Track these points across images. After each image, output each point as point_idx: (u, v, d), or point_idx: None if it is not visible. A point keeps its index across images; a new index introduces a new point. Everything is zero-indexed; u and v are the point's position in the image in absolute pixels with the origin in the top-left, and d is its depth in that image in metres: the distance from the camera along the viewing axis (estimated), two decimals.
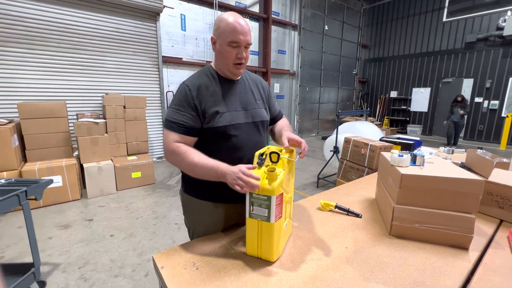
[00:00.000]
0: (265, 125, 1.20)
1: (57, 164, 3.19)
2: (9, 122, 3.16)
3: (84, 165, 3.42)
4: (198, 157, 0.97)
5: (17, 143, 3.10)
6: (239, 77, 1.13)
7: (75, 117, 4.09)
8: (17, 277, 1.60)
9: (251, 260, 0.93)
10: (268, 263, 0.92)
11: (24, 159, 3.33)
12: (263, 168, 0.91)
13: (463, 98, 6.98)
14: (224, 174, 0.91)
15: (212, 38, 1.05)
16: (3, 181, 1.72)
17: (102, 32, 4.43)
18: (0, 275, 0.34)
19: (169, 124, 1.02)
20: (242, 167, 0.88)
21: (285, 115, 1.39)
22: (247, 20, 6.83)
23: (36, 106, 3.25)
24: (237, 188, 0.86)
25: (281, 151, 1.00)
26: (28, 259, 1.80)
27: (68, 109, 3.99)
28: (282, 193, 0.89)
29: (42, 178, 2.39)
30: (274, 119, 1.30)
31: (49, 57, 4.03)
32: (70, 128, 3.83)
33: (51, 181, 1.81)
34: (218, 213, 1.13)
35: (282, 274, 0.87)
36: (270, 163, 0.94)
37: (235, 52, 1.01)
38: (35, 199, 1.67)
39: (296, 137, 1.05)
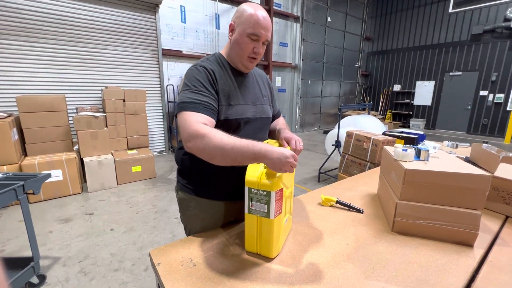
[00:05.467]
0: (269, 122, 1.17)
1: (57, 158, 3.18)
2: (8, 116, 3.14)
3: (84, 159, 3.41)
4: (228, 137, 0.83)
5: (16, 137, 3.09)
6: (249, 71, 1.09)
7: (74, 110, 4.07)
8: (16, 271, 1.61)
9: (250, 257, 0.91)
10: (268, 259, 0.90)
11: (24, 153, 3.32)
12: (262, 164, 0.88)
13: None
14: (264, 154, 0.80)
15: (231, 24, 0.99)
16: (0, 175, 1.70)
17: (100, 24, 4.37)
18: (2, 268, 0.33)
19: (192, 106, 0.88)
20: (293, 152, 0.82)
21: (286, 109, 1.36)
22: None
23: (35, 99, 3.22)
24: (283, 172, 0.81)
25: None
26: (29, 253, 1.80)
27: (68, 102, 3.96)
28: (282, 189, 0.87)
29: (40, 172, 2.38)
30: (273, 118, 1.27)
31: (47, 50, 3.98)
32: (70, 122, 3.81)
33: (49, 176, 1.79)
34: (216, 211, 1.10)
35: (282, 271, 0.85)
36: None
37: (252, 45, 0.97)
38: (33, 194, 1.66)
39: (292, 137, 1.00)
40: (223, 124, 0.97)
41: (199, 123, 0.85)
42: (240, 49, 0.98)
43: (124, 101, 4.04)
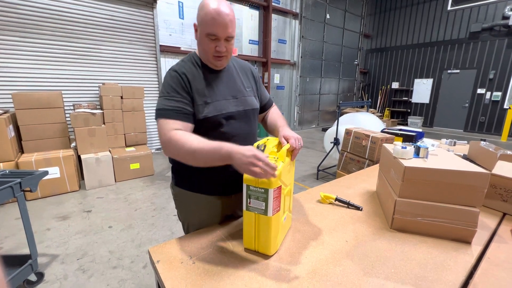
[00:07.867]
0: (256, 113, 1.15)
1: (55, 155, 3.15)
2: (4, 113, 3.11)
3: (82, 156, 3.39)
4: (198, 141, 0.86)
5: (12, 134, 3.06)
6: (223, 67, 1.06)
7: (71, 107, 4.04)
8: (14, 269, 1.60)
9: (248, 254, 0.91)
10: (266, 256, 0.90)
11: (21, 150, 3.30)
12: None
13: None
14: (229, 156, 0.80)
15: (194, 24, 0.97)
16: None
17: (97, 20, 4.31)
18: (0, 266, 0.32)
19: (164, 113, 0.92)
20: (256, 152, 0.78)
21: (285, 106, 1.34)
22: (248, 8, 6.65)
23: (31, 96, 3.19)
24: (249, 174, 0.78)
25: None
26: (27, 250, 1.79)
27: (64, 99, 3.93)
28: (280, 186, 0.86)
29: (37, 169, 2.36)
30: (264, 107, 1.24)
31: (43, 46, 3.93)
32: (67, 118, 3.78)
33: (46, 173, 1.77)
34: (212, 206, 1.10)
35: (280, 268, 0.85)
36: (270, 155, 0.90)
37: (213, 44, 0.93)
38: (30, 191, 1.64)
39: (292, 136, 0.98)
40: (204, 123, 0.97)
41: (171, 131, 0.89)
42: (203, 50, 0.96)
43: (121, 98, 4.00)
